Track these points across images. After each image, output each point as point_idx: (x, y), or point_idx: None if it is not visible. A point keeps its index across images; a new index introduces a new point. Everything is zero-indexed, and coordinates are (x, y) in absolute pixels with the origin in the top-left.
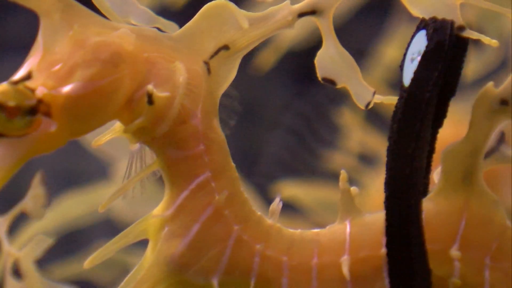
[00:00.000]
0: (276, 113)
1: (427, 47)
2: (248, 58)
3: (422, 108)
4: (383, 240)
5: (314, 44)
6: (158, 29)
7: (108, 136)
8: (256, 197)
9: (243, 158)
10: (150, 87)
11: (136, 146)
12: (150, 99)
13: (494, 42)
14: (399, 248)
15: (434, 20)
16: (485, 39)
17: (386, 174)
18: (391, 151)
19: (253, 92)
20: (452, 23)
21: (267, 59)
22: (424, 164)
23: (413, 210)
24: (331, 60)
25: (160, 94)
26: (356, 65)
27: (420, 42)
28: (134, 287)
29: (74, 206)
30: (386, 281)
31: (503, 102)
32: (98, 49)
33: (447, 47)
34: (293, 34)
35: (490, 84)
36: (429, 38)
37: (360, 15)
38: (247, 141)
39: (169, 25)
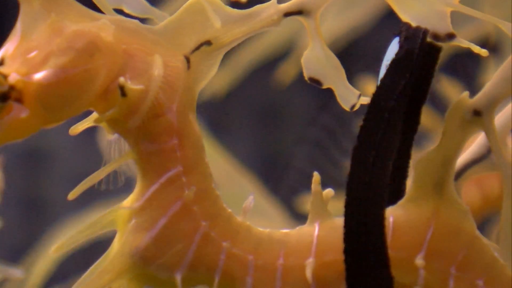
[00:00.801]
0: (301, 126)
1: (396, 55)
2: (269, 71)
3: (384, 117)
4: None
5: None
6: (141, 20)
7: (84, 125)
8: (282, 211)
9: (268, 172)
10: (122, 79)
11: (114, 136)
12: (123, 91)
13: (483, 52)
14: (356, 255)
15: (407, 27)
16: (475, 48)
17: (347, 180)
18: (352, 158)
19: (276, 105)
20: (424, 31)
21: (289, 72)
22: (388, 172)
23: (372, 218)
24: (317, 61)
25: (133, 86)
26: (341, 67)
27: (394, 49)
28: (97, 276)
29: None
30: None
31: (476, 113)
32: (74, 37)
33: (417, 55)
34: None
35: (465, 93)
36: (400, 45)
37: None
38: (272, 155)
39: (163, 16)
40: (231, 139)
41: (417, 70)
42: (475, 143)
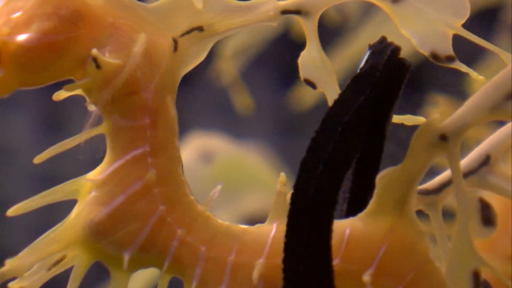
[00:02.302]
0: None
1: (360, 69)
2: None
3: (337, 131)
4: None
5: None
6: None
7: (66, 94)
8: None
9: None
10: (95, 51)
11: (94, 107)
12: (96, 62)
13: (481, 79)
14: (294, 265)
15: (380, 42)
16: (473, 74)
17: (293, 189)
18: (299, 169)
19: None
20: (395, 48)
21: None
22: (338, 186)
23: (315, 230)
24: (312, 63)
25: (108, 59)
26: (334, 73)
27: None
28: (45, 243)
29: None
30: None
31: (443, 138)
32: (60, 4)
33: (381, 72)
34: None
35: (435, 116)
36: (365, 60)
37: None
38: None
39: None
40: None
41: (381, 87)
42: (466, 158)
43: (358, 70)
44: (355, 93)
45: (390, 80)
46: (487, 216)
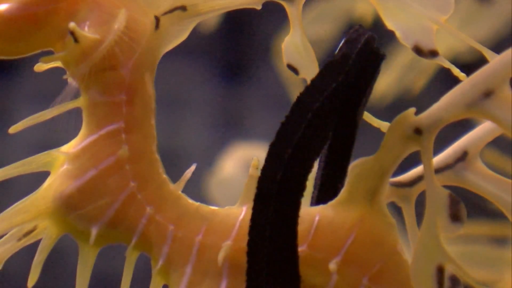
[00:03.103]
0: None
1: (333, 57)
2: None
3: (307, 117)
4: None
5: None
6: None
7: (45, 66)
8: None
9: None
10: (72, 24)
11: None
12: (74, 36)
13: (462, 76)
14: (258, 250)
15: (354, 30)
16: (455, 70)
17: (260, 173)
18: (267, 153)
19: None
20: (369, 37)
21: (418, 81)
22: (306, 172)
23: (280, 215)
24: (295, 48)
25: (85, 33)
26: (316, 61)
27: None
28: (13, 213)
29: None
30: None
31: (418, 131)
32: None
33: (353, 60)
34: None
35: (411, 109)
36: (339, 48)
37: None
38: None
39: None
40: None
41: (353, 75)
42: (443, 153)
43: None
44: (326, 80)
45: (363, 68)
46: (455, 213)
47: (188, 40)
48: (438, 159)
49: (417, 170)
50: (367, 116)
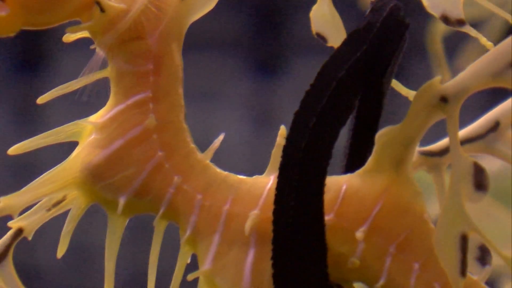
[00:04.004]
0: None
1: (358, 26)
2: None
3: (331, 85)
4: None
5: None
6: None
7: (73, 36)
8: None
9: None
10: None
11: (101, 51)
12: (100, 6)
13: (489, 45)
14: (284, 218)
15: (379, 0)
16: (482, 39)
17: (285, 141)
18: (292, 122)
19: None
20: (395, 6)
21: None
22: (332, 141)
23: (305, 183)
24: (323, 17)
25: (112, 3)
26: (343, 29)
27: None
28: (42, 182)
29: None
30: None
31: (443, 99)
32: None
33: (378, 29)
34: None
35: (437, 78)
36: (364, 17)
37: None
38: None
39: None
40: None
41: (378, 44)
42: (475, 123)
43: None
44: (351, 49)
45: (388, 37)
46: (480, 181)
47: (223, 34)
48: (469, 129)
49: (448, 140)
50: (395, 84)
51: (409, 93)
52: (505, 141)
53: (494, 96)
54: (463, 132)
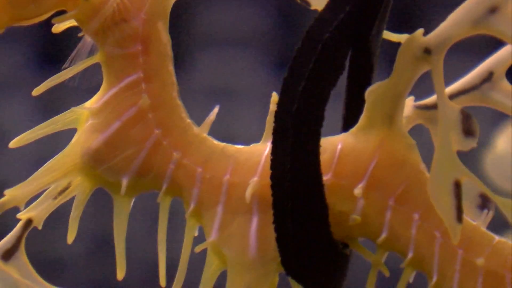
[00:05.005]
0: None
1: None
2: None
3: (317, 48)
4: None
5: None
6: None
7: (61, 26)
8: None
9: None
10: None
11: (89, 40)
12: None
13: None
14: (281, 182)
15: None
16: None
17: (276, 109)
18: (281, 88)
19: None
20: None
21: None
22: (322, 103)
23: (299, 146)
24: None
25: None
26: None
27: None
28: (45, 171)
29: None
30: None
31: (427, 51)
32: None
33: None
34: None
35: (419, 31)
36: None
37: None
38: None
39: None
40: None
41: (362, 3)
42: (469, 74)
43: None
44: (334, 11)
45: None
46: (468, 127)
47: (241, 32)
48: (463, 81)
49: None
50: (385, 34)
51: (401, 37)
52: (500, 90)
53: None
54: (457, 84)
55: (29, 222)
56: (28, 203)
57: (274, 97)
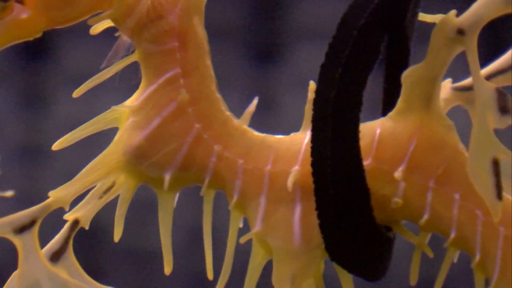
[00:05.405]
0: None
1: None
2: None
3: (353, 34)
4: None
5: None
6: None
7: (99, 27)
8: None
9: None
10: None
11: (126, 38)
12: None
13: None
14: (321, 171)
15: None
16: None
17: (315, 96)
18: (319, 76)
19: None
20: None
21: None
22: (360, 89)
23: (340, 131)
24: None
25: None
26: None
27: None
28: (88, 171)
29: None
30: None
31: (460, 32)
32: None
33: None
34: None
35: (452, 12)
36: None
37: None
38: None
39: None
40: None
41: None
42: (504, 55)
43: None
44: None
45: None
46: (504, 105)
47: (221, 22)
48: (500, 61)
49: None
50: (421, 16)
51: (435, 18)
52: None
53: None
54: (494, 65)
55: (76, 222)
56: (73, 204)
57: (312, 85)
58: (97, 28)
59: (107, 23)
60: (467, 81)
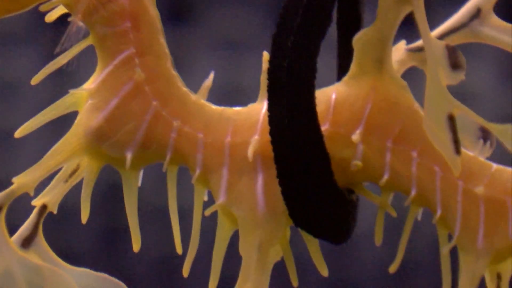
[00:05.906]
0: None
1: None
2: None
3: (303, 2)
4: None
5: None
6: None
7: (55, 14)
8: None
9: None
10: None
11: (79, 23)
12: None
13: None
14: (281, 137)
15: None
16: None
17: (268, 66)
18: (271, 45)
19: None
20: None
21: None
22: (313, 56)
23: (294, 99)
24: None
25: None
26: None
27: None
28: (50, 155)
29: None
30: None
31: None
32: None
33: None
34: None
35: None
36: None
37: None
38: None
39: None
40: None
41: None
42: (456, 14)
43: None
44: None
45: None
46: (455, 61)
47: None
48: (452, 20)
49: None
50: None
51: None
52: (489, 24)
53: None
54: (446, 24)
55: (44, 207)
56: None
57: (265, 55)
58: (52, 16)
59: (61, 10)
60: (421, 41)
